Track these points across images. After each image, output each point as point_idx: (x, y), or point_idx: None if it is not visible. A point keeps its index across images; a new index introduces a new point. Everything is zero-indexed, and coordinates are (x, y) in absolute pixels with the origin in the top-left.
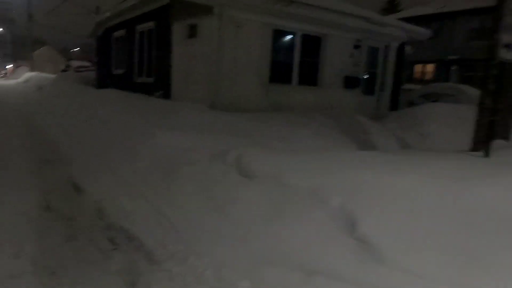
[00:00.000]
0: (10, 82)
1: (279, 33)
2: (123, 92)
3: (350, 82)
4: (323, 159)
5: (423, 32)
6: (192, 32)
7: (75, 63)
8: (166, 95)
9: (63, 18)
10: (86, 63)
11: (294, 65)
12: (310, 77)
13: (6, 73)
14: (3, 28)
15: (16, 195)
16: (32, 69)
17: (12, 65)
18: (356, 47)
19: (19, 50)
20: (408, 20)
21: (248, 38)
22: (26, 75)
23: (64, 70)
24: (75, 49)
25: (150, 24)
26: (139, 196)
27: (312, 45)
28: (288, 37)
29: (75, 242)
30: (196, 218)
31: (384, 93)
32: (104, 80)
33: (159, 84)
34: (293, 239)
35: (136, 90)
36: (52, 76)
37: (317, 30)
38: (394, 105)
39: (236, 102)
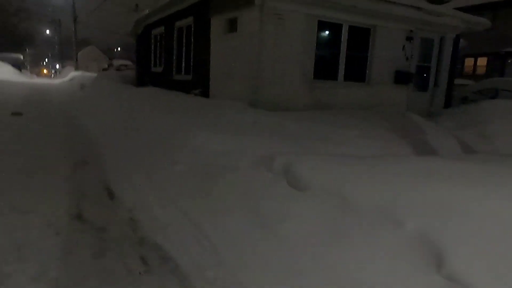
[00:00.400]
0: (57, 81)
1: (324, 25)
2: (162, 90)
3: (401, 77)
4: (387, 168)
5: (482, 22)
6: (232, 26)
7: (117, 62)
8: (204, 92)
9: (105, 18)
10: (127, 62)
11: (340, 59)
12: (357, 72)
13: (55, 73)
14: (50, 30)
15: (47, 202)
16: (77, 68)
17: (58, 65)
18: (408, 39)
19: (66, 50)
20: (458, 10)
21: (291, 31)
22: (71, 74)
23: (105, 69)
24: (117, 49)
25: (189, 20)
26: (175, 206)
27: (359, 37)
28: (334, 29)
29: (103, 260)
30: (240, 237)
31: (438, 89)
32: (143, 78)
33: (197, 82)
34: (360, 273)
35: (174, 87)
36: (93, 75)
37: (365, 21)
38: (447, 102)
39: (277, 100)
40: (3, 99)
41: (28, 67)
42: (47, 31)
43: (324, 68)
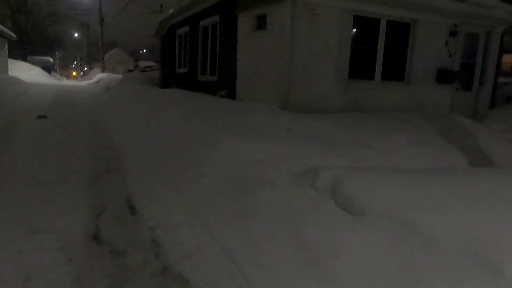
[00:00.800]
0: (84, 83)
1: (360, 20)
2: (186, 91)
3: (444, 76)
4: (458, 188)
5: None
6: (260, 23)
7: (142, 63)
8: (231, 94)
9: (131, 20)
10: (151, 63)
11: (378, 57)
12: (396, 71)
13: (83, 75)
14: (79, 33)
15: (63, 219)
16: (103, 70)
17: (86, 68)
18: (452, 34)
19: (94, 53)
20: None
21: (325, 27)
22: (98, 76)
23: (130, 71)
24: (143, 50)
25: (214, 18)
26: (204, 227)
27: (399, 33)
28: (371, 25)
29: None
30: (281, 274)
31: (484, 88)
32: (168, 80)
33: (223, 83)
34: None
35: (199, 89)
36: (119, 77)
37: (405, 15)
38: (492, 102)
39: (310, 102)
40: (32, 102)
41: (58, 70)
42: (76, 34)
43: (360, 67)
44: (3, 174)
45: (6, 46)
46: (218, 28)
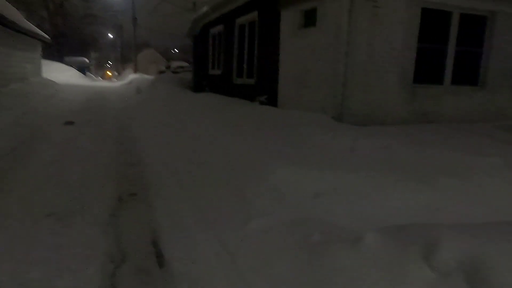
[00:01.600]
0: (116, 84)
1: (429, 14)
2: (221, 96)
3: None
4: None
5: None
6: (309, 19)
7: (174, 64)
8: (271, 100)
9: (163, 20)
10: (184, 63)
11: (448, 58)
12: (468, 73)
13: (117, 75)
14: (113, 34)
15: (72, 272)
16: (136, 71)
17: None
18: None
19: (127, 53)
20: None
21: (388, 22)
22: (130, 77)
23: (161, 72)
24: (174, 50)
25: (252, 16)
26: None
27: (472, 28)
28: (441, 18)
29: None
30: None
31: None
32: (200, 82)
33: (262, 87)
34: None
35: (234, 93)
36: (151, 77)
37: (481, 6)
38: None
39: (369, 112)
40: (61, 105)
41: (93, 70)
42: (110, 35)
43: (426, 70)
44: (10, 202)
45: (40, 49)
46: (256, 26)
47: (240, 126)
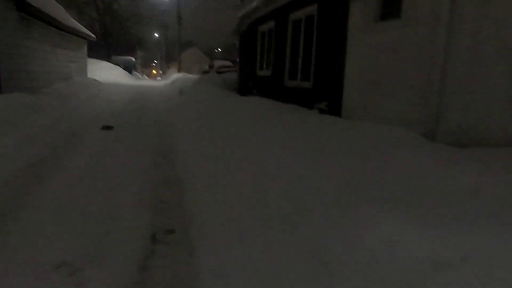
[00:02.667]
0: (160, 83)
1: None
2: (272, 102)
3: None
4: None
5: None
6: (389, 9)
7: (218, 63)
8: (333, 108)
9: (207, 18)
10: (227, 63)
11: None
12: None
13: (161, 73)
14: (158, 33)
15: None
16: (179, 70)
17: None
18: None
19: (172, 52)
20: None
21: (502, 11)
22: (174, 76)
23: (205, 72)
24: (217, 49)
25: (311, 9)
26: None
27: None
28: None
29: None
30: None
31: None
32: (247, 83)
33: (320, 92)
34: None
35: (286, 97)
36: (196, 77)
37: None
38: None
39: (471, 128)
40: (102, 106)
41: (139, 69)
42: (156, 34)
43: None
44: (10, 247)
45: (86, 47)
46: (315, 21)
47: (303, 146)
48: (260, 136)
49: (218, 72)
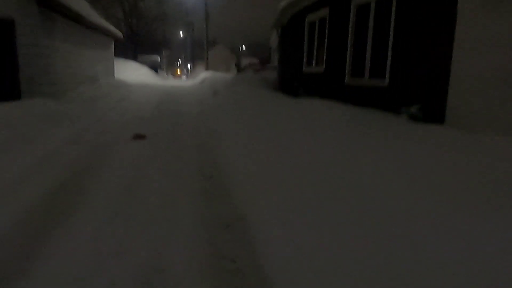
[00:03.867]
0: (188, 83)
1: None
2: (329, 103)
3: None
4: None
5: None
6: None
7: (245, 61)
8: (431, 113)
9: (232, 16)
10: (254, 60)
11: None
12: None
13: (186, 72)
14: (183, 32)
15: None
16: (207, 68)
17: (189, 66)
18: None
19: (196, 51)
20: None
21: None
22: (202, 75)
23: (240, 70)
24: (242, 47)
25: None
26: None
27: None
28: None
29: None
30: None
31: None
32: (289, 82)
33: (404, 91)
34: None
35: (347, 97)
36: (226, 76)
37: None
38: None
39: None
40: (132, 110)
41: (164, 68)
42: (181, 33)
43: None
44: None
45: (113, 47)
46: (393, 4)
47: (417, 179)
48: (331, 144)
49: (255, 70)
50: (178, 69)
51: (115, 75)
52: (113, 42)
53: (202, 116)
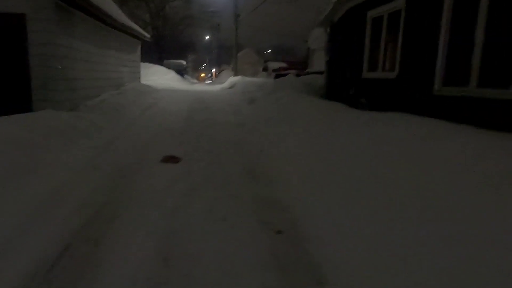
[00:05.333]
0: (215, 87)
1: None
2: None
3: None
4: None
5: None
6: None
7: (272, 65)
8: None
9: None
10: (282, 64)
11: None
12: None
13: (210, 76)
14: (209, 35)
15: None
16: (236, 73)
17: (214, 69)
18: None
19: (222, 54)
20: None
21: None
22: (230, 79)
23: (279, 75)
24: (267, 51)
25: None
26: None
27: None
28: None
29: None
30: None
31: None
32: (343, 89)
33: None
34: None
35: (439, 112)
36: (257, 80)
37: None
38: None
39: None
40: (159, 121)
41: (190, 73)
42: (207, 36)
43: None
44: None
45: (140, 49)
46: None
47: None
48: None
49: (278, 75)
50: (203, 73)
51: (141, 80)
52: (140, 44)
53: (242, 129)
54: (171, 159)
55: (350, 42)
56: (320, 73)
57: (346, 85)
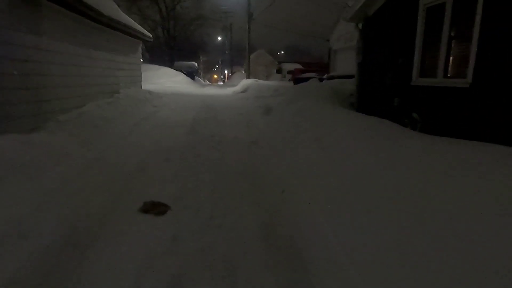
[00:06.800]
0: (228, 91)
1: None
2: None
3: None
4: None
5: None
6: None
7: (287, 66)
8: None
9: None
10: (297, 66)
11: None
12: None
13: (222, 78)
14: (221, 36)
15: None
16: (249, 75)
17: (227, 71)
18: None
19: (235, 55)
20: None
21: None
22: (243, 82)
23: (299, 80)
24: (280, 52)
25: None
26: None
27: None
28: None
29: None
30: None
31: None
32: (384, 99)
33: None
34: None
35: None
36: (272, 84)
37: None
38: None
39: None
40: (156, 138)
41: (201, 74)
42: (219, 38)
43: None
44: None
45: (140, 51)
46: None
47: None
48: None
49: (298, 80)
50: (215, 75)
51: (143, 84)
52: (140, 45)
53: (257, 151)
54: (154, 207)
55: (391, 40)
56: (348, 77)
57: (386, 94)
